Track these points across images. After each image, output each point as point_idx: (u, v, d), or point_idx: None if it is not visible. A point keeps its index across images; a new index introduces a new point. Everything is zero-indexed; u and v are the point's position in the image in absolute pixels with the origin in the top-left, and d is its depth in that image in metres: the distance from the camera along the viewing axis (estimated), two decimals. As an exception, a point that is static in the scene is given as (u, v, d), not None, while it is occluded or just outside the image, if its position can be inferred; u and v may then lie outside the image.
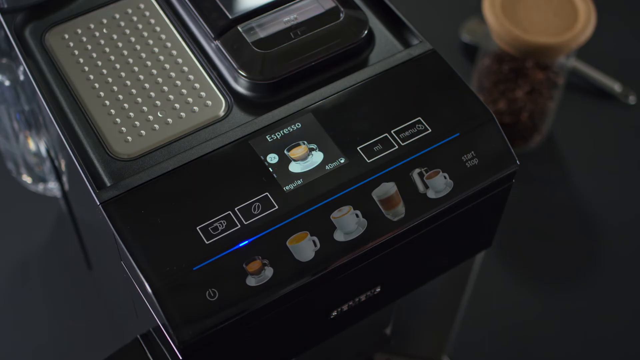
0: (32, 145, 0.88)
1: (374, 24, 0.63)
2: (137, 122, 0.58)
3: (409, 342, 0.82)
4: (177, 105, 0.59)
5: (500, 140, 0.58)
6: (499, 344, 0.88)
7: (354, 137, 0.56)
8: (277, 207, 0.53)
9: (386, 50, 0.62)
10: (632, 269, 0.96)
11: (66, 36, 0.63)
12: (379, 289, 0.59)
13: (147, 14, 0.64)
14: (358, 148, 0.56)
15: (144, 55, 0.61)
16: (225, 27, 0.61)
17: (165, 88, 0.60)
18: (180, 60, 0.61)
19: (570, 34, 0.89)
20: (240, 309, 0.50)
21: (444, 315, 0.78)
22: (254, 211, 0.53)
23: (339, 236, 0.53)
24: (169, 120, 0.58)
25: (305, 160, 0.55)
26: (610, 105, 1.07)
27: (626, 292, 0.95)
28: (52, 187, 0.93)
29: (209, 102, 0.59)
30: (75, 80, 0.60)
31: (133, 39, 0.62)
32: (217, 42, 0.60)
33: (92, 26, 0.63)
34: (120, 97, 0.59)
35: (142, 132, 0.57)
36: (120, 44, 0.62)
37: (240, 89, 0.59)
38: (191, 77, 0.60)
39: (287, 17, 0.61)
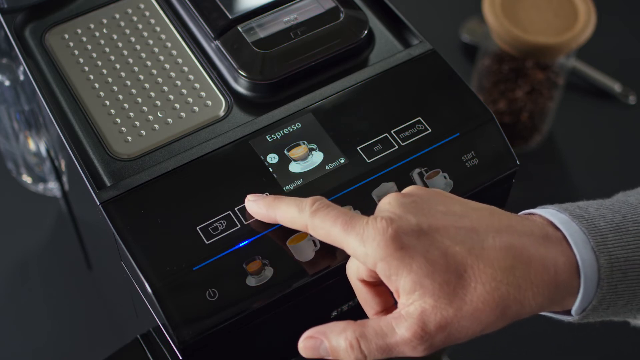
0: (32, 145, 0.88)
1: (374, 24, 0.63)
2: (137, 122, 0.58)
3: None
4: (177, 105, 0.59)
5: (500, 140, 0.58)
6: (499, 343, 0.88)
7: (354, 137, 0.56)
8: (277, 207, 0.53)
9: (386, 50, 0.62)
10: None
11: (66, 36, 0.63)
12: (379, 289, 0.59)
13: (147, 14, 0.64)
14: (358, 148, 0.56)
15: (144, 55, 0.61)
16: (225, 27, 0.61)
17: (165, 88, 0.60)
18: (180, 60, 0.61)
19: (570, 34, 0.89)
20: (240, 309, 0.50)
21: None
22: (254, 211, 0.53)
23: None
24: (169, 120, 0.58)
25: (305, 160, 0.55)
26: (610, 105, 1.07)
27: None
28: (52, 187, 0.93)
29: (209, 102, 0.59)
30: (75, 80, 0.60)
31: (133, 39, 0.62)
32: (217, 42, 0.60)
33: (92, 26, 0.63)
34: (120, 97, 0.59)
35: (142, 132, 0.57)
36: (120, 44, 0.62)
37: (240, 89, 0.59)
38: (191, 77, 0.60)
39: (287, 17, 0.61)
